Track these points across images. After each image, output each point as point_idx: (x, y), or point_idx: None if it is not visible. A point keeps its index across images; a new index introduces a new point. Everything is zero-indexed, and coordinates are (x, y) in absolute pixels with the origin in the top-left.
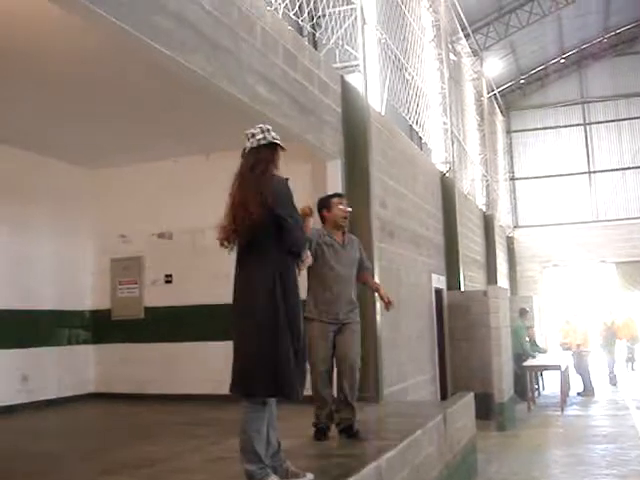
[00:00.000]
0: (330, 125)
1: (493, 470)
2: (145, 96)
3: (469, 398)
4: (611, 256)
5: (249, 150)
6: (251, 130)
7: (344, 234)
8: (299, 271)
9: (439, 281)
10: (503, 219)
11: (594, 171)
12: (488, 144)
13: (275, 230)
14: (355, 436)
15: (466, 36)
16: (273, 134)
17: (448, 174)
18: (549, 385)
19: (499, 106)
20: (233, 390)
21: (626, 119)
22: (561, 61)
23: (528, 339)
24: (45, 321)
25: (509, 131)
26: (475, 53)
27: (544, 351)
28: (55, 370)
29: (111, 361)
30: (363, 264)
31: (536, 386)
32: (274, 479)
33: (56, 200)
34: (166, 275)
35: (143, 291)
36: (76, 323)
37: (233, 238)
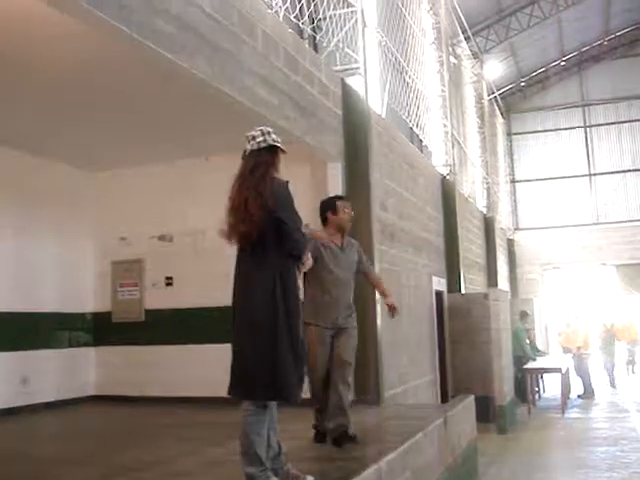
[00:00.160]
0: (331, 128)
1: (494, 473)
2: (145, 98)
3: (470, 401)
4: (612, 259)
5: (249, 152)
6: (252, 132)
7: (343, 237)
8: (299, 272)
9: (439, 284)
10: (504, 221)
11: (594, 173)
12: (488, 147)
13: (275, 232)
14: (353, 441)
15: (466, 39)
16: (274, 137)
17: (448, 176)
18: (550, 388)
19: (499, 108)
20: (232, 393)
21: (626, 121)
22: (561, 64)
23: (529, 342)
24: (46, 323)
25: (509, 133)
26: (475, 56)
27: (544, 354)
28: (55, 372)
29: (112, 364)
30: (364, 266)
31: (536, 389)
32: None
33: (57, 203)
34: (167, 277)
35: (144, 293)
36: (77, 325)
37: (234, 239)
